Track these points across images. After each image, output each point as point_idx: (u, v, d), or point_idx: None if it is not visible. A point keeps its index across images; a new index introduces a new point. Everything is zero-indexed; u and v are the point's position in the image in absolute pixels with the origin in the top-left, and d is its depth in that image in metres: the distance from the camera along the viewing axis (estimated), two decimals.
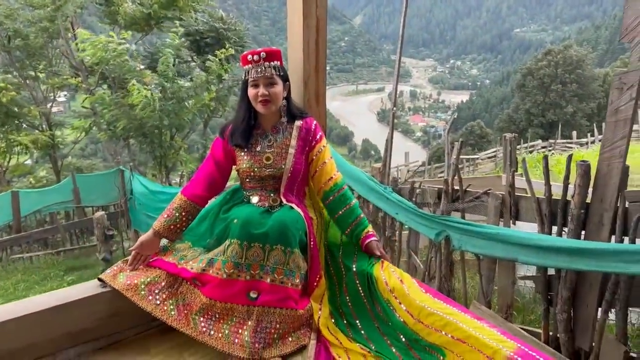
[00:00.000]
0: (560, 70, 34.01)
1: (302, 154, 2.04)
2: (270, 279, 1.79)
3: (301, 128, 2.06)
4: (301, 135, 2.04)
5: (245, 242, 1.78)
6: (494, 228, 2.98)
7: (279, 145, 2.02)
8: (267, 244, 1.79)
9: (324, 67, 2.22)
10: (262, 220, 1.84)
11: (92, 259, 8.93)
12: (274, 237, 1.79)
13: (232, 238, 1.80)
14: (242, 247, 1.78)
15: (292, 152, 2.01)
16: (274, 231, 1.80)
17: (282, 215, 1.86)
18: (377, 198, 3.87)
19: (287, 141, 2.03)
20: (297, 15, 2.08)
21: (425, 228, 3.40)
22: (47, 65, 14.84)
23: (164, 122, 9.69)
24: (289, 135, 2.04)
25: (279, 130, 2.04)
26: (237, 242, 1.78)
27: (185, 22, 13.36)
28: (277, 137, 2.04)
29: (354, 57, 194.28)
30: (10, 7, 13.89)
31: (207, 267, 1.83)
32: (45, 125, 15.61)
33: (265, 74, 1.92)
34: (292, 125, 2.06)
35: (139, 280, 1.87)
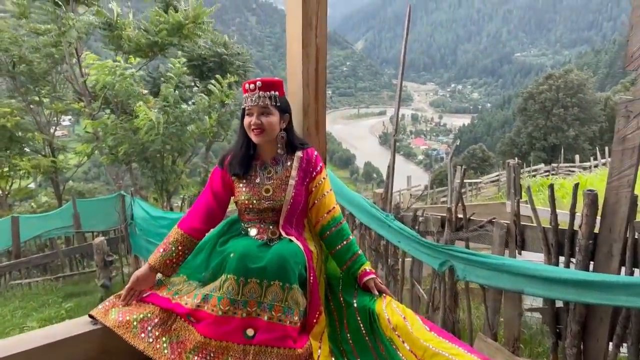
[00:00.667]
0: (561, 94, 34.18)
1: (302, 185, 1.98)
2: (268, 317, 1.71)
3: (302, 159, 2.00)
4: (302, 166, 1.99)
5: (242, 278, 1.71)
6: (499, 258, 2.90)
7: (279, 177, 1.97)
8: (265, 280, 1.72)
9: (324, 96, 2.19)
10: (260, 254, 1.78)
11: (92, 285, 8.83)
12: (272, 272, 1.72)
13: (229, 273, 1.73)
14: (239, 283, 1.71)
15: (292, 184, 1.95)
16: (272, 265, 1.73)
17: (280, 249, 1.80)
18: (379, 226, 3.80)
19: (287, 172, 1.97)
20: (297, 44, 2.06)
21: (428, 257, 3.33)
22: (50, 90, 14.95)
23: (166, 147, 9.69)
24: (289, 167, 1.99)
25: (278, 162, 1.99)
26: (233, 278, 1.71)
27: (188, 47, 13.49)
28: (277, 168, 1.98)
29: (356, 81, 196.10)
30: (15, 33, 14.07)
31: (202, 303, 1.76)
32: (48, 149, 15.66)
33: (259, 103, 1.88)
34: (292, 156, 2.01)
35: (132, 316, 1.79)
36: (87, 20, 12.31)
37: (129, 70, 10.04)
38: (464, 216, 3.27)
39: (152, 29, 12.28)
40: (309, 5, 2.02)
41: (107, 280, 7.81)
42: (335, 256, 2.03)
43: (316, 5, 2.04)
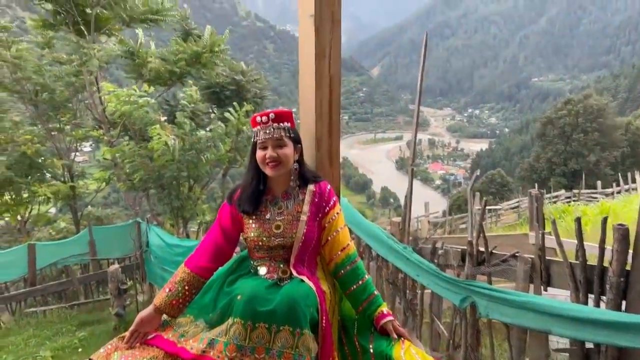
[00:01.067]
0: (581, 119, 33.79)
1: (314, 221, 1.89)
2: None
3: (314, 193, 1.91)
4: (314, 200, 1.90)
5: (249, 322, 1.60)
6: (524, 295, 2.75)
7: (290, 213, 1.88)
8: (274, 324, 1.61)
9: (337, 128, 2.10)
10: (269, 295, 1.68)
11: (106, 313, 8.74)
12: (281, 316, 1.61)
13: (235, 317, 1.63)
14: (246, 328, 1.60)
15: (304, 220, 1.86)
16: (282, 309, 1.62)
17: (290, 290, 1.69)
18: (397, 258, 3.68)
19: (299, 208, 1.89)
20: (309, 74, 1.99)
21: (448, 292, 3.19)
22: (71, 117, 15.19)
23: (182, 174, 9.72)
24: (300, 202, 1.90)
25: (290, 196, 1.91)
26: (240, 322, 1.61)
27: (206, 75, 13.65)
28: (288, 203, 1.90)
29: (372, 106, 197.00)
30: (38, 63, 14.41)
31: (208, 348, 1.65)
32: (67, 175, 15.84)
33: (273, 135, 1.82)
34: (304, 191, 1.92)
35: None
36: (109, 50, 12.56)
37: (142, 99, 10.15)
38: (486, 249, 3.13)
39: (171, 58, 12.47)
40: (323, 34, 1.95)
41: (121, 309, 7.72)
42: (350, 297, 1.92)
43: (329, 34, 1.97)
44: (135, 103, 9.97)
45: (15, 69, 13.66)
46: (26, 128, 14.68)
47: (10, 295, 9.36)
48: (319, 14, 1.94)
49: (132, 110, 10.11)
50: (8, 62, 13.40)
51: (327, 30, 1.97)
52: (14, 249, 10.73)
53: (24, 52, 13.87)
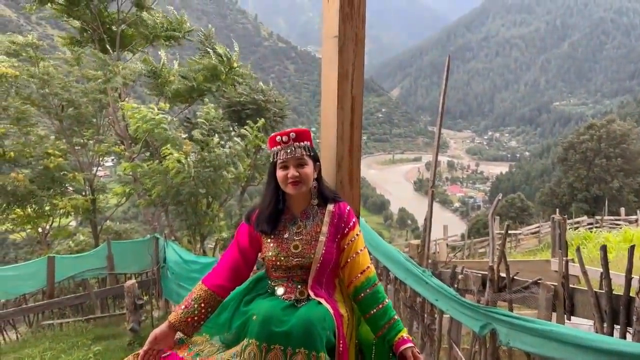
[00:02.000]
0: (603, 144, 33.27)
1: (333, 242, 1.86)
2: None
3: (334, 213, 1.89)
4: (333, 221, 1.88)
5: (264, 344, 1.57)
6: (547, 324, 2.67)
7: (309, 232, 1.86)
8: (289, 347, 1.57)
9: (359, 149, 2.09)
10: (285, 317, 1.65)
11: (121, 327, 8.76)
12: (297, 338, 1.58)
13: (251, 337, 1.60)
14: (261, 349, 1.57)
15: (323, 240, 1.84)
16: (297, 331, 1.59)
17: (307, 312, 1.66)
18: (416, 282, 3.61)
19: (318, 228, 1.87)
20: (332, 95, 1.99)
21: (468, 319, 3.11)
22: (94, 132, 15.49)
23: (200, 190, 9.79)
24: (319, 222, 1.88)
25: (309, 216, 1.90)
26: (255, 343, 1.58)
27: (227, 93, 13.83)
28: (307, 223, 1.89)
29: (391, 127, 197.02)
30: (65, 79, 14.78)
31: None
32: (88, 190, 16.08)
33: (295, 154, 1.83)
34: (323, 210, 1.91)
35: None
36: (132, 68, 12.83)
37: (159, 116, 10.35)
38: (507, 275, 3.07)
39: (190, 75, 12.69)
40: (346, 55, 1.96)
41: (136, 324, 7.72)
42: (370, 321, 1.88)
43: (353, 55, 1.97)
44: (153, 120, 10.15)
45: (43, 85, 14.01)
46: (51, 142, 14.98)
47: (29, 307, 9.44)
48: (342, 35, 1.95)
49: (152, 128, 10.31)
50: (36, 77, 13.76)
51: (350, 51, 1.97)
52: (34, 261, 10.86)
53: (52, 69, 14.24)
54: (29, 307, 9.43)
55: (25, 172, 13.57)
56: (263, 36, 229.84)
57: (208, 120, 10.88)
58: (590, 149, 33.46)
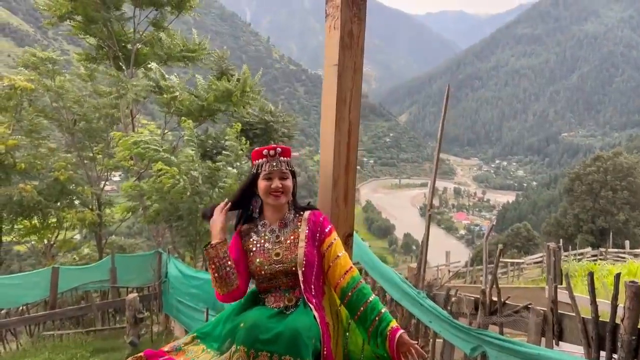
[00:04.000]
0: (609, 176, 33.21)
1: (312, 246, 1.99)
2: None
3: (309, 220, 2.04)
4: (309, 226, 2.02)
5: (252, 350, 1.66)
6: (535, 348, 2.74)
7: (287, 239, 2.00)
8: (275, 354, 1.66)
9: (354, 168, 2.21)
10: (272, 324, 1.74)
11: (121, 341, 8.78)
12: (283, 345, 1.67)
13: (238, 344, 1.70)
14: (249, 355, 1.66)
15: (303, 245, 1.97)
16: (284, 338, 1.68)
17: (293, 321, 1.76)
18: (411, 303, 3.69)
19: (295, 234, 2.01)
20: (330, 118, 2.12)
21: (460, 341, 3.18)
22: (104, 147, 15.71)
23: (199, 206, 9.94)
24: (296, 228, 2.03)
25: (286, 224, 2.05)
26: (243, 350, 1.67)
27: (237, 113, 14.05)
28: (285, 231, 2.03)
29: (398, 152, 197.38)
30: (78, 94, 15.08)
31: None
32: (95, 204, 16.23)
33: (281, 168, 1.99)
34: (299, 218, 2.05)
35: None
36: (142, 84, 13.10)
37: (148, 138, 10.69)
38: (499, 299, 3.14)
39: (202, 95, 12.92)
40: (344, 83, 2.10)
41: (136, 338, 7.76)
42: (360, 319, 1.93)
43: (351, 82, 2.11)
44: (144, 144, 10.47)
45: (57, 98, 14.31)
46: (61, 155, 15.21)
47: (31, 317, 9.49)
48: (342, 64, 2.09)
49: (144, 152, 10.63)
50: (51, 91, 14.06)
51: (349, 79, 2.11)
52: (38, 271, 10.96)
53: (66, 83, 14.56)
54: (31, 317, 9.47)
55: (35, 183, 13.74)
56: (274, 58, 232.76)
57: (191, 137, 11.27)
58: (597, 181, 33.38)
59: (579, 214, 33.51)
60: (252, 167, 2.07)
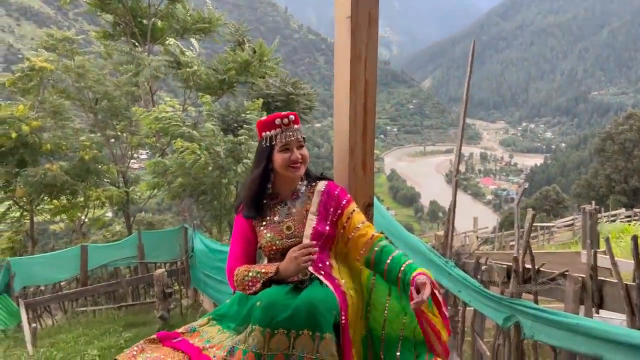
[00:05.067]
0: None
1: (324, 220, 1.85)
2: None
3: (322, 193, 1.89)
4: (322, 199, 1.88)
5: (267, 329, 1.56)
6: (573, 317, 2.58)
7: (299, 212, 1.87)
8: (293, 330, 1.55)
9: (372, 134, 2.03)
10: (288, 300, 1.63)
11: (151, 315, 8.94)
12: (300, 320, 1.56)
13: (254, 324, 1.59)
14: (265, 335, 1.55)
15: (313, 218, 1.83)
16: (300, 313, 1.57)
17: (309, 294, 1.64)
18: (438, 272, 3.55)
19: (307, 206, 1.87)
20: (344, 78, 1.94)
21: (491, 311, 3.04)
22: (127, 125, 15.79)
23: (223, 180, 9.90)
24: (308, 200, 1.89)
25: (298, 197, 1.90)
26: (258, 329, 1.57)
27: (257, 85, 13.88)
28: (296, 203, 1.89)
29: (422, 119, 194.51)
30: (99, 72, 15.11)
31: (228, 356, 1.62)
32: (122, 182, 16.44)
33: (297, 136, 1.83)
34: (312, 190, 1.91)
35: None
36: (159, 60, 13.01)
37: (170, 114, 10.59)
38: (533, 267, 2.96)
39: (221, 68, 12.76)
40: (359, 36, 1.90)
41: (166, 313, 7.86)
42: (388, 274, 1.81)
43: (366, 36, 1.92)
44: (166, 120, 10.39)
45: (78, 79, 14.35)
46: (85, 135, 15.36)
47: (64, 294, 9.77)
48: (355, 16, 1.89)
49: (166, 127, 10.57)
50: (72, 71, 14.10)
51: (364, 32, 1.92)
52: (67, 249, 11.20)
53: (87, 62, 14.57)
54: (64, 294, 9.74)
55: (62, 164, 13.94)
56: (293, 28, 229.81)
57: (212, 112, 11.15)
58: (629, 140, 32.30)
59: (611, 174, 32.60)
60: (261, 141, 1.87)
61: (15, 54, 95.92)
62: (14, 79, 14.12)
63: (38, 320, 9.34)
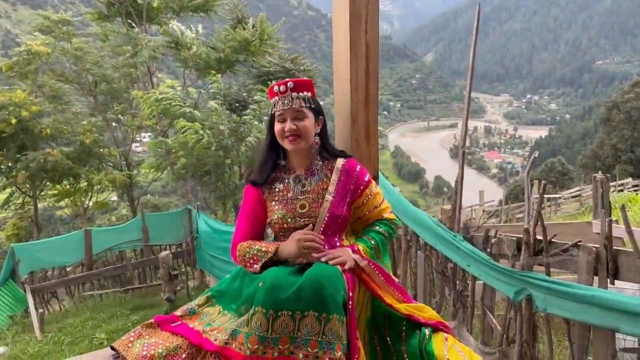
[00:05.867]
0: None
1: (342, 201, 1.75)
2: (303, 354, 1.44)
3: (342, 170, 1.78)
4: (340, 179, 1.76)
5: (271, 311, 1.46)
6: (587, 289, 2.49)
7: (314, 190, 1.75)
8: (298, 311, 1.46)
9: (375, 100, 1.91)
10: (292, 280, 1.53)
11: (158, 297, 8.96)
12: (305, 301, 1.46)
13: (257, 305, 1.49)
14: (268, 317, 1.45)
15: (330, 199, 1.73)
16: (306, 293, 1.47)
17: (314, 273, 1.53)
18: (446, 247, 3.47)
19: (324, 185, 1.76)
20: (344, 43, 1.81)
21: (502, 284, 2.96)
22: (127, 107, 15.66)
23: (226, 160, 9.83)
24: (326, 179, 1.77)
25: (314, 173, 1.78)
26: (261, 311, 1.47)
27: (257, 63, 13.68)
28: (312, 180, 1.77)
29: (425, 93, 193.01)
30: (97, 54, 14.93)
31: (230, 339, 1.53)
32: (124, 165, 16.40)
33: (293, 105, 1.70)
34: (330, 167, 1.79)
35: (157, 351, 1.58)
36: (157, 41, 12.82)
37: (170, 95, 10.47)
38: (544, 238, 2.86)
39: (219, 46, 12.57)
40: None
41: (172, 294, 7.86)
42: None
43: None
44: (166, 100, 10.27)
45: (76, 61, 14.20)
46: (86, 119, 15.26)
47: (70, 279, 9.79)
48: None
49: (167, 107, 10.45)
50: (69, 54, 13.92)
51: None
52: (71, 234, 11.22)
53: (84, 45, 14.38)
54: (70, 279, 9.76)
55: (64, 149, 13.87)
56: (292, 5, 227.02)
57: (220, 90, 10.97)
58: (636, 108, 31.94)
59: (617, 143, 32.34)
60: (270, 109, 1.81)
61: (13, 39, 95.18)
62: (10, 63, 13.97)
63: (45, 305, 9.39)
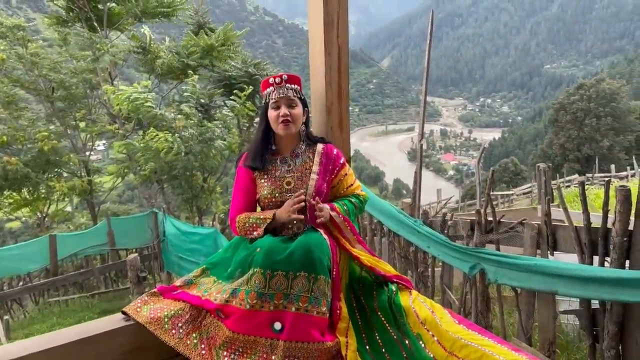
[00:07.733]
0: (593, 104, 33.47)
1: (323, 179, 2.04)
2: (295, 308, 1.71)
3: (322, 154, 2.07)
4: (322, 160, 2.06)
5: (268, 271, 1.74)
6: (531, 259, 2.85)
7: (299, 169, 2.03)
8: (291, 271, 1.74)
9: (347, 94, 2.22)
10: (286, 246, 1.81)
11: (126, 301, 8.95)
12: (297, 263, 1.75)
13: (255, 267, 1.76)
14: (265, 276, 1.73)
15: (315, 178, 2.02)
16: (297, 256, 1.75)
17: (305, 240, 1.82)
18: (408, 232, 3.79)
19: (307, 165, 2.04)
20: (319, 44, 2.10)
21: (458, 261, 3.29)
22: (86, 113, 15.44)
23: (195, 164, 9.92)
24: (308, 160, 2.05)
25: (298, 155, 2.06)
26: (260, 271, 1.74)
27: (219, 68, 13.79)
28: (297, 161, 2.05)
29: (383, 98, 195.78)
30: (54, 59, 14.65)
31: (231, 297, 1.79)
32: (83, 172, 16.12)
33: (287, 94, 1.98)
34: (312, 150, 2.08)
35: (163, 313, 1.82)
36: (121, 46, 12.75)
37: (144, 94, 10.45)
38: (494, 218, 3.23)
39: (183, 52, 12.64)
40: (331, 4, 2.07)
41: None
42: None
43: (337, 5, 2.09)
44: (138, 99, 10.24)
45: (32, 67, 13.92)
46: (43, 125, 14.94)
47: (34, 285, 9.65)
48: None
49: (138, 107, 10.43)
50: (25, 59, 13.65)
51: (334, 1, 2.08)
52: (36, 240, 11.00)
53: (40, 50, 14.12)
54: (34, 285, 9.63)
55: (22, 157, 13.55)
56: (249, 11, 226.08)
57: (194, 94, 11.01)
58: (581, 109, 33.66)
59: (565, 143, 33.95)
60: (262, 99, 2.08)
61: None
62: None
63: (9, 312, 9.23)
